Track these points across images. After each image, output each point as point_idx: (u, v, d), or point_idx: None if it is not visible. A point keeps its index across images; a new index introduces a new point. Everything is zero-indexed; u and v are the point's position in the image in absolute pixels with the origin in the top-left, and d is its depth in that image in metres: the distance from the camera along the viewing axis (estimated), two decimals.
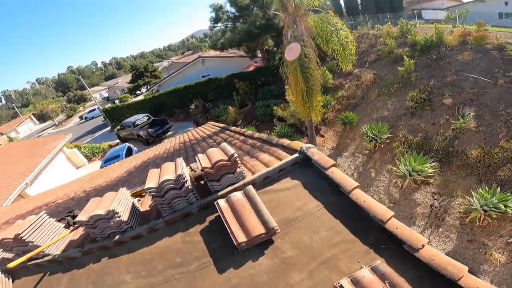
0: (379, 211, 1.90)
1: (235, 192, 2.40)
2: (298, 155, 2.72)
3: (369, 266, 1.60)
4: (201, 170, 2.52)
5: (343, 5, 28.64)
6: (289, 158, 2.72)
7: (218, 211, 2.28)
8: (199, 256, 2.12)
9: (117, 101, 39.44)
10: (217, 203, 2.34)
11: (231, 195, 2.35)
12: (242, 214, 2.14)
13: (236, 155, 2.50)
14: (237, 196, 2.33)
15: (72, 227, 2.89)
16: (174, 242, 2.32)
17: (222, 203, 2.32)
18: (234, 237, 2.00)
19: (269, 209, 2.15)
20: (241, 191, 2.40)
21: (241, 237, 1.99)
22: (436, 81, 10.62)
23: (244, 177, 2.63)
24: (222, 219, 2.19)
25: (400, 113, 10.71)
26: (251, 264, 1.94)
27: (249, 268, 1.92)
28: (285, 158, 2.77)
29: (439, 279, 1.50)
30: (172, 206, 2.51)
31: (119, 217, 2.40)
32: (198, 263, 2.07)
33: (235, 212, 2.20)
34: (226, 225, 2.12)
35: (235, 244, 1.97)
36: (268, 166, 2.75)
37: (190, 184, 2.52)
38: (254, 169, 3.00)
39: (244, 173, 2.66)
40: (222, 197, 2.44)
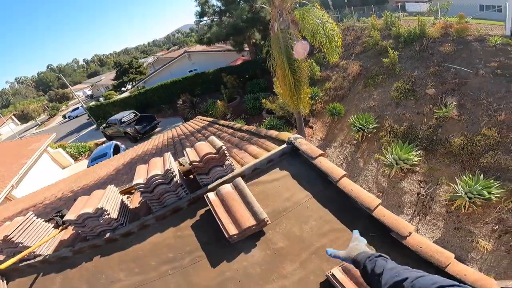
0: (367, 199, 1.92)
1: (225, 185, 2.39)
2: (286, 146, 2.73)
3: None
4: (190, 164, 2.50)
5: None
6: (277, 149, 2.72)
7: (208, 205, 2.27)
8: (192, 251, 2.11)
9: (102, 99, 38.51)
10: (207, 197, 2.33)
11: (221, 188, 2.34)
12: (232, 207, 2.14)
13: (224, 148, 2.49)
14: (227, 189, 2.32)
15: (61, 227, 2.83)
16: (166, 238, 2.30)
17: (212, 196, 2.32)
18: (225, 230, 2.00)
19: (259, 201, 2.16)
20: (231, 184, 2.40)
21: (232, 230, 1.99)
22: (420, 72, 10.86)
23: (233, 170, 2.62)
24: (213, 213, 2.18)
25: (386, 103, 10.91)
26: (244, 256, 1.95)
27: (242, 260, 1.92)
28: (274, 149, 2.77)
29: (427, 267, 1.52)
30: (162, 202, 2.49)
31: (108, 215, 2.36)
32: (191, 258, 2.06)
33: (225, 205, 2.20)
34: (217, 218, 2.11)
35: (227, 237, 1.97)
36: (257, 158, 2.75)
37: (179, 179, 2.50)
38: (243, 161, 3.00)
39: (233, 166, 2.66)
40: (212, 191, 2.43)
